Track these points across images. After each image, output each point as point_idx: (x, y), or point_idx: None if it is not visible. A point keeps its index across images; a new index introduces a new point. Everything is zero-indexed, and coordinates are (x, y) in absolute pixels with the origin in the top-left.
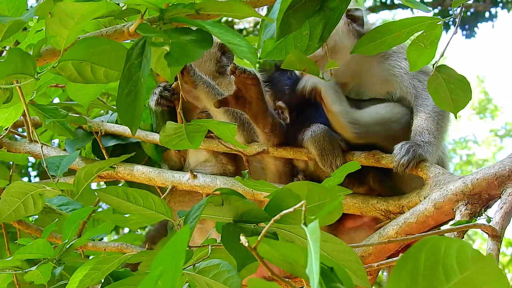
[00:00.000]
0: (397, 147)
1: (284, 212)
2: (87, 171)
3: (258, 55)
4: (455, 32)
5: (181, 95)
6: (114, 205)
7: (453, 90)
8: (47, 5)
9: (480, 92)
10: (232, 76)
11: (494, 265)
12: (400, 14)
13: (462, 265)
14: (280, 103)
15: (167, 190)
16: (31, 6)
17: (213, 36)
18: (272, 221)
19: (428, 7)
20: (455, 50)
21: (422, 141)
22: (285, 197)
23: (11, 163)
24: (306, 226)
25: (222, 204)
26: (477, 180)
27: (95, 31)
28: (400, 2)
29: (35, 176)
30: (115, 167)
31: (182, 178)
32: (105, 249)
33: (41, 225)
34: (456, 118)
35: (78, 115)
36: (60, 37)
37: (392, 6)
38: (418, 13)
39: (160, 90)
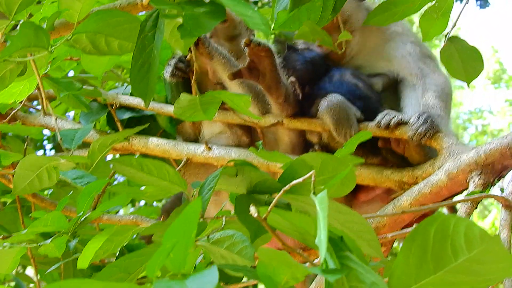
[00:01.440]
0: (413, 116)
1: (293, 182)
2: (101, 143)
3: (272, 26)
4: (467, 2)
5: (195, 67)
6: (128, 175)
7: (466, 60)
8: None
9: (495, 62)
10: (246, 48)
11: (501, 245)
12: None
13: (470, 243)
14: (292, 78)
15: (182, 162)
16: None
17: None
18: (282, 191)
19: None
20: (469, 20)
21: (436, 113)
22: (299, 168)
23: (26, 136)
24: (316, 196)
25: (236, 175)
26: (490, 150)
27: (109, 4)
28: None
29: (50, 149)
30: (129, 139)
31: (197, 150)
32: (119, 221)
33: (56, 198)
34: (469, 87)
35: (92, 88)
36: (74, 10)
37: None
38: None
39: (175, 62)
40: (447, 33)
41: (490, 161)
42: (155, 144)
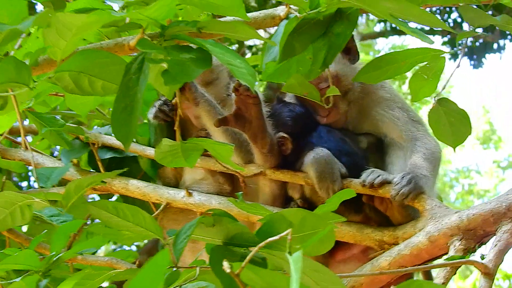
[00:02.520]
0: (398, 176)
1: (268, 240)
2: (77, 184)
3: (258, 78)
4: (458, 66)
5: (179, 112)
6: (104, 219)
7: (453, 124)
8: (46, 15)
9: (485, 123)
10: (233, 94)
11: None
12: (409, 40)
13: None
14: (282, 133)
15: (161, 207)
16: (40, 11)
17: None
18: (257, 248)
19: (431, 39)
20: (461, 79)
21: (422, 174)
22: (278, 223)
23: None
24: (291, 255)
25: (213, 225)
26: (473, 215)
27: (96, 43)
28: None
29: (34, 181)
30: (106, 182)
31: (177, 195)
32: (94, 263)
33: (33, 234)
34: (454, 151)
35: (75, 125)
36: (57, 48)
37: (402, 32)
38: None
39: (160, 104)
40: (436, 95)
41: (472, 226)
42: (135, 186)
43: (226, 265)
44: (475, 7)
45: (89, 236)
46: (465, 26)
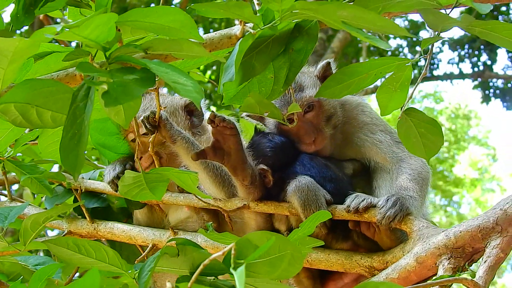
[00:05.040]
0: (382, 199)
1: (213, 256)
2: (33, 220)
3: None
4: (428, 73)
5: (137, 140)
6: (65, 257)
7: (424, 134)
8: None
9: None
10: (210, 126)
11: None
12: (443, 86)
13: None
14: (262, 165)
15: (147, 249)
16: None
17: (177, 98)
18: (201, 267)
19: (389, 45)
20: (497, 122)
21: (408, 195)
22: (245, 248)
23: None
24: (235, 270)
25: (177, 255)
26: (460, 232)
27: (46, 75)
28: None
29: None
30: (95, 225)
31: (163, 236)
32: None
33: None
34: (428, 164)
35: (56, 172)
36: None
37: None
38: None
39: (114, 176)
40: (403, 106)
41: (460, 244)
42: (121, 230)
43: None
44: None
45: None
46: (497, 68)
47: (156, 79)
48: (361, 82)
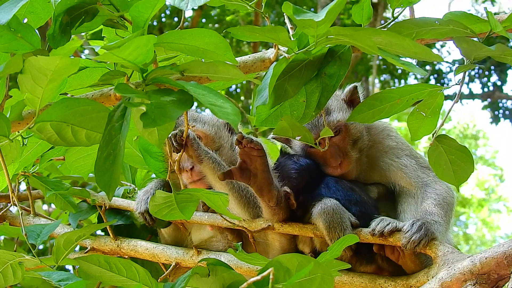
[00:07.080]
0: (407, 223)
1: (250, 280)
2: (66, 239)
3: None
4: (458, 100)
5: (170, 160)
6: (96, 275)
7: (454, 161)
8: (17, 60)
9: None
10: (237, 147)
11: None
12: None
13: None
14: (286, 188)
15: (171, 267)
16: None
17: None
18: None
19: (424, 70)
20: (504, 142)
21: (433, 220)
22: (276, 270)
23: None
24: None
25: (208, 275)
26: (486, 259)
27: (81, 94)
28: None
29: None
30: (118, 243)
31: (186, 255)
32: None
33: None
34: (458, 191)
35: (81, 188)
36: (35, 96)
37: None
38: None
39: (142, 212)
40: (434, 132)
41: (485, 270)
42: (144, 248)
43: None
44: (475, 39)
45: None
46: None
47: None
48: (392, 108)
